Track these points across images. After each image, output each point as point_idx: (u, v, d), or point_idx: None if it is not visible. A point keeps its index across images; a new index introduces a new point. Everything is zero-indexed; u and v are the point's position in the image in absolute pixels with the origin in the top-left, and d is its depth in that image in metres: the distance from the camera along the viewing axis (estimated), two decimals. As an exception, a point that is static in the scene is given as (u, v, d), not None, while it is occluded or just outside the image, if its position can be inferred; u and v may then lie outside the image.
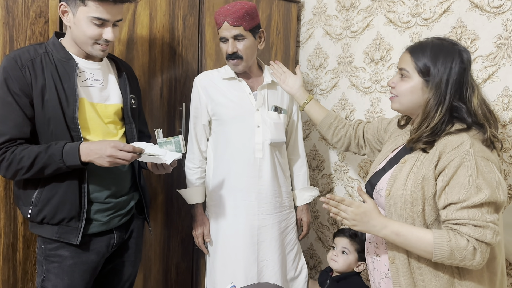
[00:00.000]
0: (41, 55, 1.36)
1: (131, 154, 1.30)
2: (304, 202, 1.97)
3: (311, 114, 1.78)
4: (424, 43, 1.26)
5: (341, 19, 2.23)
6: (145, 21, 1.86)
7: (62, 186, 1.36)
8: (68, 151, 1.29)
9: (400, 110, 1.32)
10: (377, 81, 2.05)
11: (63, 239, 1.38)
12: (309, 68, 2.44)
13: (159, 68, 1.92)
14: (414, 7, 1.87)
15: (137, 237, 1.62)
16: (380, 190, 1.30)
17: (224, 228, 1.83)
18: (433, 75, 1.21)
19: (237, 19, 1.66)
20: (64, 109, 1.34)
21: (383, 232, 1.20)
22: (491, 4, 1.62)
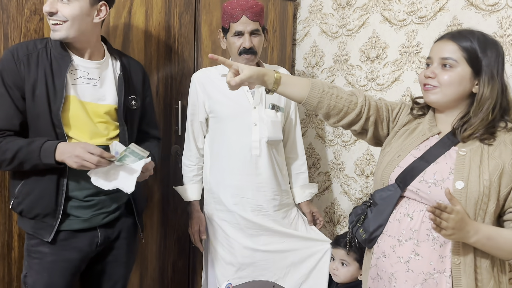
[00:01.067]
0: (39, 50, 1.37)
1: (97, 158, 1.27)
2: (305, 199, 1.96)
3: (291, 89, 1.29)
4: (465, 32, 1.20)
5: (337, 17, 2.24)
6: (140, 19, 1.86)
7: (42, 181, 1.36)
8: (46, 149, 1.30)
9: (440, 102, 1.22)
10: (373, 79, 2.06)
11: (38, 235, 1.38)
12: (305, 66, 2.44)
13: (155, 66, 1.92)
14: (410, 5, 1.88)
15: (127, 237, 1.57)
16: (436, 182, 1.17)
17: (221, 226, 1.83)
18: (485, 65, 1.16)
19: (256, 14, 1.68)
20: (51, 105, 1.34)
21: (475, 237, 1.09)
22: (486, 2, 1.62)
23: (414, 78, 1.88)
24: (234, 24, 1.68)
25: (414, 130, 1.30)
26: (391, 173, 1.25)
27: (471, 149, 1.17)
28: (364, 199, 2.13)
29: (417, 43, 1.86)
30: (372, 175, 2.09)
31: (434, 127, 1.26)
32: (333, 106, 1.29)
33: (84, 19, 1.36)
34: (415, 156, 1.23)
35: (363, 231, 1.31)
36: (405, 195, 1.23)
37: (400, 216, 1.22)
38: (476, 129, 1.16)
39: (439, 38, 1.24)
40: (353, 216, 1.37)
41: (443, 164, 1.19)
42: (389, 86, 1.98)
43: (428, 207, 1.11)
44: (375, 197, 1.30)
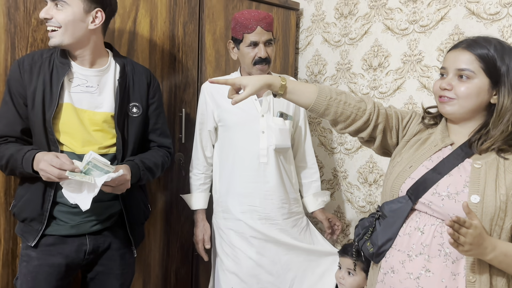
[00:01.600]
0: (44, 60, 1.41)
1: (58, 171, 1.24)
2: (318, 207, 1.95)
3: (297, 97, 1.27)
4: (480, 40, 1.16)
5: (339, 26, 2.26)
6: (145, 28, 1.88)
7: (33, 185, 1.39)
8: (26, 158, 1.32)
9: (456, 114, 1.17)
10: (376, 88, 2.07)
11: (24, 238, 1.42)
12: (308, 74, 2.45)
13: (159, 74, 1.94)
14: (412, 14, 1.90)
15: (119, 248, 1.52)
16: (449, 195, 1.12)
17: (228, 235, 1.82)
18: (504, 75, 1.11)
19: (269, 25, 1.72)
20: (45, 111, 1.37)
21: (492, 254, 1.04)
22: (488, 11, 1.64)
23: (417, 86, 1.89)
24: (249, 35, 1.70)
25: (426, 140, 1.26)
26: (402, 185, 1.20)
27: (487, 162, 1.13)
28: (368, 207, 2.14)
29: (419, 51, 1.87)
30: (375, 183, 2.09)
31: (446, 138, 1.22)
32: (341, 112, 1.25)
33: (78, 25, 1.37)
34: (428, 167, 1.19)
35: (371, 244, 1.26)
36: (416, 208, 1.18)
37: (410, 230, 1.18)
38: (495, 141, 1.12)
39: (454, 46, 1.20)
40: (360, 228, 1.32)
41: (457, 176, 1.14)
42: (391, 94, 2.00)
43: (447, 221, 1.03)
44: (384, 209, 1.25)
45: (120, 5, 1.79)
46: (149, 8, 1.88)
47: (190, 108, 2.05)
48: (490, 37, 1.16)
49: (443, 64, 1.20)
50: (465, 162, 1.15)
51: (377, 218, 1.27)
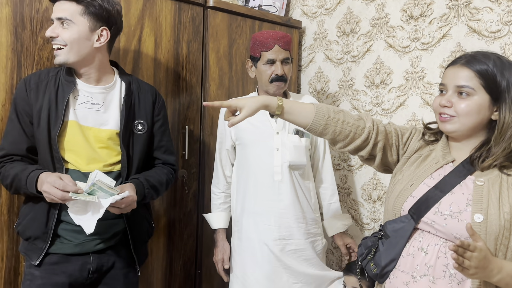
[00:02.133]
0: (50, 78, 1.42)
1: (61, 193, 1.24)
2: (338, 231, 1.88)
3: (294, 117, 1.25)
4: (479, 56, 1.14)
5: (341, 44, 2.28)
6: (150, 47, 1.91)
7: (37, 204, 1.39)
8: (30, 178, 1.32)
9: (457, 131, 1.15)
10: (378, 104, 2.08)
11: (27, 256, 1.40)
12: (310, 91, 2.47)
13: (163, 92, 1.95)
14: (414, 32, 1.92)
15: (123, 267, 1.51)
16: (452, 214, 1.10)
17: (246, 256, 1.79)
18: (505, 92, 1.10)
19: (287, 44, 1.75)
20: (50, 129, 1.38)
21: (499, 276, 1.02)
22: (489, 29, 1.65)
23: (419, 103, 1.89)
24: (267, 53, 1.73)
25: (427, 157, 1.24)
26: (404, 203, 1.18)
27: (489, 179, 1.10)
28: (372, 224, 2.12)
29: (421, 68, 1.89)
30: (379, 200, 2.08)
31: (448, 155, 1.20)
32: (339, 131, 1.24)
33: (83, 43, 1.38)
34: (429, 185, 1.16)
35: (374, 265, 1.22)
36: (419, 227, 1.15)
37: (413, 250, 1.15)
38: (497, 158, 1.10)
39: (452, 62, 1.18)
40: (363, 248, 1.30)
41: (459, 194, 1.11)
42: (394, 111, 2.00)
43: (450, 246, 1.01)
44: (386, 228, 1.22)
45: (125, 23, 1.82)
46: (154, 26, 1.91)
47: (193, 125, 2.06)
48: (489, 52, 1.15)
49: (442, 80, 1.19)
50: (467, 180, 1.13)
51: (379, 238, 1.25)
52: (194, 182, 2.09)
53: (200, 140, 2.10)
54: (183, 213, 2.05)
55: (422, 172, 1.20)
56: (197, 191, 2.10)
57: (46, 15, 1.63)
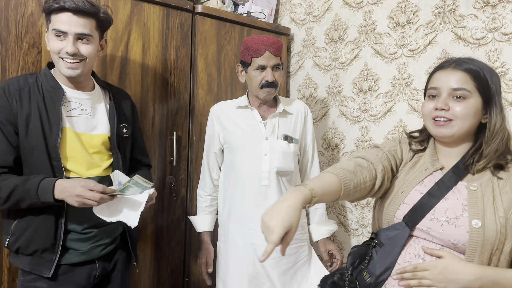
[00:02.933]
0: (30, 85, 1.37)
1: (99, 195, 1.27)
2: (322, 236, 1.88)
3: (327, 194, 1.11)
4: (469, 60, 1.15)
5: (329, 50, 2.30)
6: (138, 52, 1.90)
7: (39, 216, 1.34)
8: (43, 187, 1.28)
9: (455, 135, 1.14)
10: (366, 110, 2.09)
11: (36, 271, 1.34)
12: (299, 97, 2.48)
13: (151, 97, 1.94)
14: (400, 39, 1.94)
15: (122, 269, 1.55)
16: (449, 220, 1.09)
17: (230, 259, 1.79)
18: (495, 95, 1.12)
19: (278, 50, 1.73)
20: (47, 138, 1.34)
21: (479, 283, 1.01)
22: (474, 36, 1.68)
23: (406, 109, 1.91)
24: (257, 59, 1.72)
25: (415, 164, 1.23)
26: (397, 211, 1.17)
27: (481, 183, 1.11)
28: (360, 230, 2.12)
29: (408, 75, 1.91)
30: (367, 206, 2.08)
31: (436, 161, 1.20)
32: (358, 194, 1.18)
33: (96, 55, 1.43)
34: (421, 191, 1.16)
35: (368, 274, 1.19)
36: (414, 234, 1.14)
37: (410, 257, 1.13)
38: (490, 161, 1.11)
39: (441, 67, 1.18)
40: (354, 257, 1.26)
41: (453, 200, 1.11)
42: (382, 117, 2.02)
43: (395, 277, 1.07)
44: (380, 237, 1.20)
45: (113, 29, 1.81)
46: (142, 32, 1.90)
47: (181, 131, 2.05)
48: (472, 58, 1.16)
49: (432, 84, 1.17)
50: (458, 185, 1.13)
51: (373, 246, 1.22)
52: (182, 188, 2.07)
53: (188, 146, 2.08)
54: (171, 220, 2.03)
55: (412, 178, 1.20)
56: (185, 197, 2.09)
57: (31, 20, 1.62)
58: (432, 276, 1.02)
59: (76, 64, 1.36)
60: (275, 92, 1.77)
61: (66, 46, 1.33)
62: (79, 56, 1.36)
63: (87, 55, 1.37)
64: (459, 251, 1.08)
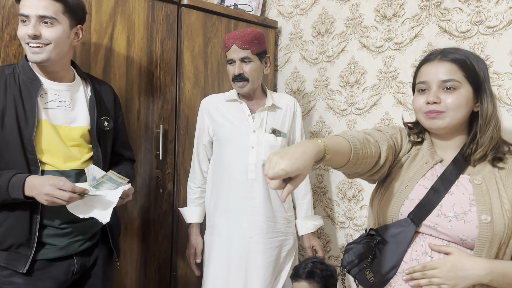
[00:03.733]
0: (7, 76, 1.34)
1: (69, 194, 1.23)
2: (308, 231, 1.90)
3: (338, 156, 1.05)
4: (454, 50, 1.14)
5: (317, 44, 2.29)
6: (122, 44, 1.87)
7: (15, 211, 1.32)
8: (14, 184, 1.25)
9: (448, 127, 1.13)
10: (353, 104, 2.09)
11: (11, 266, 1.32)
12: (287, 91, 2.47)
13: (136, 90, 1.92)
14: (387, 32, 1.94)
15: (103, 264, 1.53)
16: (457, 215, 1.07)
17: (216, 250, 1.80)
18: (484, 83, 1.11)
19: (245, 43, 1.73)
20: (22, 130, 1.30)
21: (489, 277, 1.01)
22: (459, 29, 1.69)
23: (393, 102, 1.92)
24: (228, 53, 1.76)
25: (415, 157, 1.20)
26: (401, 207, 1.13)
27: (484, 176, 1.09)
28: (347, 222, 2.13)
29: (394, 68, 1.91)
30: (354, 199, 2.09)
31: (435, 154, 1.18)
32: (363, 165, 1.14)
33: (65, 41, 1.37)
34: (425, 186, 1.13)
35: (371, 273, 1.16)
36: (420, 231, 1.11)
37: (417, 255, 1.10)
38: (487, 149, 1.10)
39: (427, 60, 1.17)
40: (353, 254, 1.20)
41: (459, 195, 1.09)
42: (368, 110, 2.02)
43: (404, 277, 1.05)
44: (383, 234, 1.16)
45: (97, 20, 1.78)
46: (126, 24, 1.87)
47: (168, 125, 2.03)
48: (457, 47, 1.16)
49: (420, 78, 1.16)
50: (461, 178, 1.11)
51: (376, 244, 1.17)
52: (169, 183, 2.06)
53: (175, 140, 2.07)
54: (157, 214, 2.02)
55: (414, 173, 1.17)
56: (172, 192, 2.07)
57: (12, 11, 1.58)
58: (441, 274, 1.02)
59: (40, 49, 1.31)
60: (248, 85, 1.76)
61: (28, 29, 1.29)
62: (42, 40, 1.30)
63: (51, 39, 1.31)
64: (467, 247, 1.06)
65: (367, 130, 1.22)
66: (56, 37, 1.32)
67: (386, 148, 1.17)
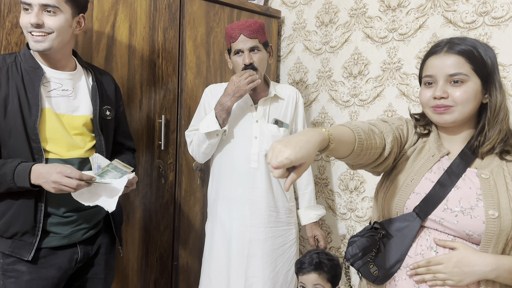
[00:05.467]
0: (9, 65, 1.34)
1: (76, 181, 1.24)
2: (310, 221, 1.91)
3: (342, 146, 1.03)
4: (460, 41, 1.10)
5: (320, 34, 2.27)
6: (124, 33, 1.86)
7: (19, 199, 1.32)
8: (19, 172, 1.26)
9: (457, 121, 1.10)
10: (356, 95, 2.08)
11: (16, 254, 1.33)
12: (289, 82, 2.46)
13: (138, 80, 1.91)
14: (391, 23, 1.92)
15: (106, 253, 1.54)
16: (463, 210, 1.05)
17: (218, 238, 1.82)
18: (493, 74, 1.08)
19: (253, 32, 1.72)
20: (25, 119, 1.31)
21: (495, 273, 1.00)
22: (464, 20, 1.67)
23: (396, 94, 1.90)
24: (234, 44, 1.74)
25: (421, 149, 1.17)
26: (407, 201, 1.11)
27: (492, 170, 1.07)
28: (349, 214, 2.13)
29: (398, 59, 1.90)
30: (356, 190, 2.09)
31: (441, 147, 1.15)
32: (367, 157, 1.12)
33: (67, 30, 1.37)
34: (432, 180, 1.10)
35: (375, 267, 1.14)
36: (425, 225, 1.09)
37: (422, 249, 1.08)
38: (495, 142, 1.08)
39: (432, 52, 1.13)
40: (357, 247, 1.19)
41: (466, 189, 1.06)
42: (371, 101, 2.01)
43: (409, 272, 1.04)
44: (388, 228, 1.14)
45: (99, 9, 1.77)
46: (128, 13, 1.86)
47: (170, 115, 2.03)
48: (464, 37, 1.12)
49: (426, 72, 1.12)
50: (468, 172, 1.09)
51: (380, 237, 1.15)
52: (171, 173, 2.06)
53: (177, 130, 2.06)
54: (159, 204, 2.02)
55: (420, 166, 1.14)
56: (174, 181, 2.07)
57: (13, -1, 1.57)
58: (446, 270, 1.00)
59: (43, 37, 1.31)
60: (256, 74, 1.75)
61: (31, 17, 1.29)
62: (45, 29, 1.31)
63: (54, 28, 1.31)
64: (473, 242, 1.05)
65: (372, 121, 1.19)
66: (58, 26, 1.32)
67: (391, 140, 1.14)
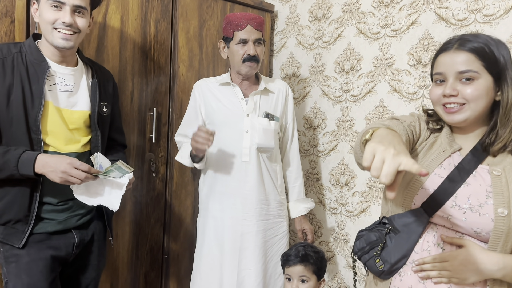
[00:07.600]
0: (14, 55, 1.36)
1: (84, 174, 1.29)
2: (299, 214, 1.93)
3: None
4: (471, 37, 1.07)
5: (313, 29, 2.27)
6: (116, 25, 1.84)
7: (15, 187, 1.35)
8: (24, 160, 1.28)
9: (469, 119, 1.07)
10: (348, 90, 2.09)
11: (7, 240, 1.36)
12: (282, 76, 2.46)
13: (129, 72, 1.89)
14: (384, 19, 1.93)
15: (98, 240, 1.58)
16: (472, 207, 1.02)
17: (210, 232, 1.82)
18: (505, 70, 1.05)
19: (260, 24, 1.74)
20: (28, 110, 1.33)
21: (502, 272, 0.98)
22: (456, 17, 1.68)
23: (387, 89, 1.91)
24: (239, 33, 1.73)
25: (433, 144, 1.15)
26: (415, 196, 1.09)
27: (504, 167, 1.04)
28: (339, 208, 2.15)
29: (390, 55, 1.90)
30: (346, 185, 2.10)
31: (453, 142, 1.12)
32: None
33: (87, 30, 1.44)
34: (441, 175, 1.08)
35: (381, 261, 1.13)
36: (433, 221, 1.08)
37: (428, 245, 1.07)
38: (506, 141, 1.05)
39: (443, 49, 1.10)
40: (364, 241, 1.18)
41: (476, 186, 1.04)
42: (363, 97, 2.02)
43: (414, 268, 1.02)
44: (395, 222, 1.12)
45: (90, -1, 1.75)
46: (120, 3, 1.84)
47: (162, 107, 2.01)
48: (476, 34, 1.10)
49: (437, 69, 1.10)
50: (479, 169, 1.07)
51: (387, 232, 1.14)
52: (162, 166, 2.05)
53: (168, 123, 2.05)
54: (150, 197, 2.02)
55: (430, 161, 1.12)
56: (165, 175, 2.07)
57: (3, -13, 1.55)
58: (452, 268, 0.99)
59: (71, 36, 1.36)
60: (257, 67, 1.77)
61: (63, 16, 1.33)
62: (74, 28, 1.37)
63: (81, 28, 1.38)
64: (481, 240, 1.03)
65: (385, 121, 1.16)
66: (84, 27, 1.40)
67: (404, 140, 1.10)
